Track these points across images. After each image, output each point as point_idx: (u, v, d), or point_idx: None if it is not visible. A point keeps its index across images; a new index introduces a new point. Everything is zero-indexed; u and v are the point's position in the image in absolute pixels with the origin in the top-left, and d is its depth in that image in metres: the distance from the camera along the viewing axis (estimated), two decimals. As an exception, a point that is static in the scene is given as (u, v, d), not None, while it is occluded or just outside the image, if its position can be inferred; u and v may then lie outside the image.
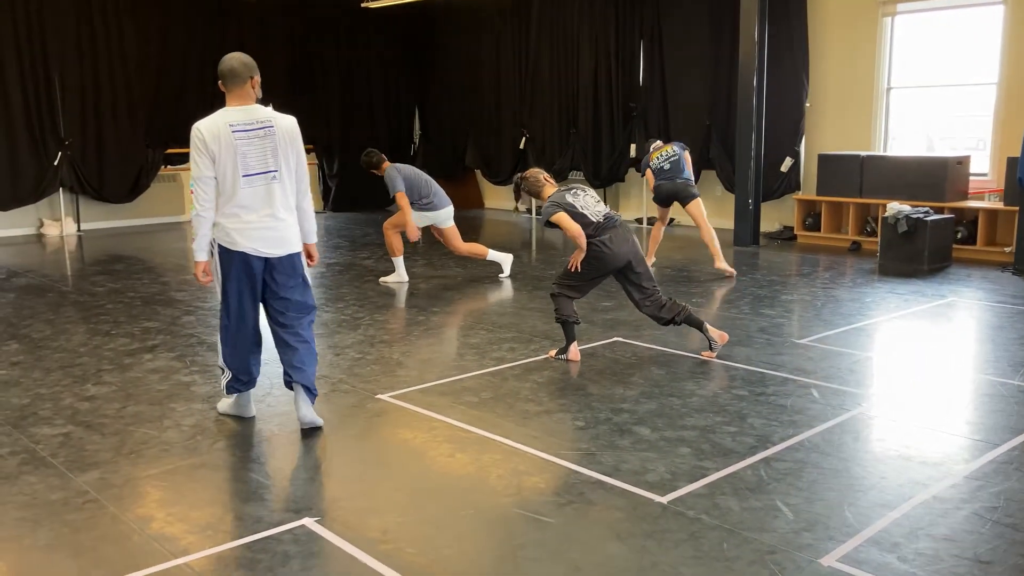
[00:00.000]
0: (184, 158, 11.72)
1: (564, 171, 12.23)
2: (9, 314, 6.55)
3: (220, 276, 3.93)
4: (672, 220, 11.18)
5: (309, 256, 4.15)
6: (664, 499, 3.24)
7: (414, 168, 7.64)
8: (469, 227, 11.76)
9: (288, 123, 4.00)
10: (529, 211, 12.98)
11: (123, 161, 11.42)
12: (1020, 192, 7.61)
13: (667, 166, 7.83)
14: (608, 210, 5.11)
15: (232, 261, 3.87)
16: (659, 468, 3.53)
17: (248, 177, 3.80)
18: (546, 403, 4.36)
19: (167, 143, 11.59)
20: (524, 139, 12.67)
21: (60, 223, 11.15)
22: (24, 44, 10.62)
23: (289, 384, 4.03)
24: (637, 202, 11.43)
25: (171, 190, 12.16)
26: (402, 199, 7.29)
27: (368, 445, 3.90)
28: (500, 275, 7.77)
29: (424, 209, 7.42)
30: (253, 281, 3.92)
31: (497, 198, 13.96)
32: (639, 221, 11.47)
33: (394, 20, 13.45)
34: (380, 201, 13.73)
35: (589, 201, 5.05)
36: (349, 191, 13.36)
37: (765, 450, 3.70)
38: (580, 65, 11.87)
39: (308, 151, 13.09)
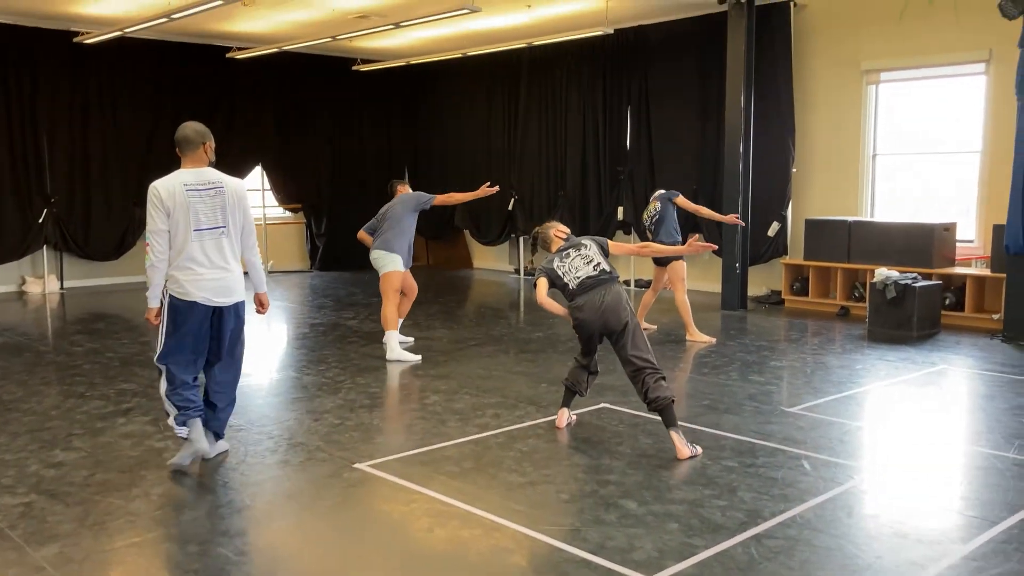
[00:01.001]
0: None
1: (552, 233, 12.21)
2: (-19, 374, 6.39)
3: (167, 324, 4.24)
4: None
5: (260, 304, 4.61)
6: (651, 580, 3.10)
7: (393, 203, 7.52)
8: (457, 287, 11.70)
9: (236, 185, 4.39)
10: (517, 271, 12.94)
11: (110, 219, 11.35)
12: (1008, 259, 7.61)
13: (652, 226, 7.75)
14: (592, 272, 4.76)
15: (186, 310, 4.20)
16: (646, 545, 3.39)
17: (199, 232, 4.20)
18: (530, 474, 4.23)
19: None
20: (512, 200, 12.70)
21: (43, 280, 11.02)
22: (14, 101, 10.64)
23: (204, 420, 4.34)
24: (625, 263, 11.39)
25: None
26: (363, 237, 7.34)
27: (344, 518, 3.75)
28: (387, 355, 6.95)
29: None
30: (202, 328, 4.27)
31: (486, 259, 13.93)
32: (627, 283, 11.42)
33: (384, 82, 13.58)
34: (366, 261, 13.71)
35: (577, 263, 4.84)
36: (335, 250, 13.30)
37: (756, 526, 3.57)
38: (568, 128, 11.96)
39: (296, 210, 13.30)
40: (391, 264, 7.05)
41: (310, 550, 3.44)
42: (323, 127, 13.30)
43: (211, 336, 4.30)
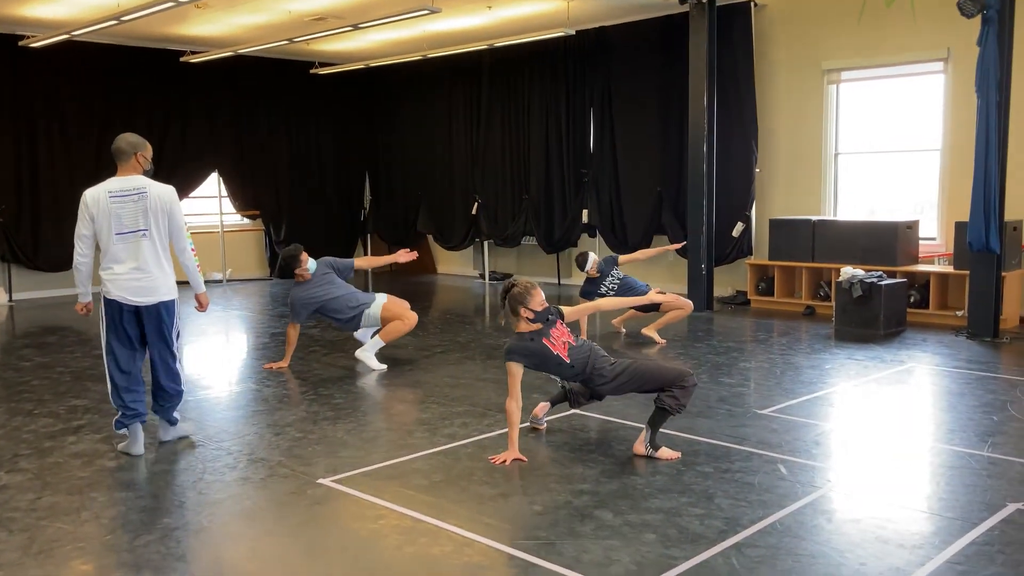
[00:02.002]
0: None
1: (516, 236, 12.12)
2: (-77, 393, 6.09)
3: (104, 319, 4.62)
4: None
5: (199, 303, 4.92)
6: (631, 595, 2.98)
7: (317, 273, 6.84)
8: (421, 293, 11.52)
9: (162, 191, 4.64)
10: (482, 276, 12.79)
11: (59, 229, 10.97)
12: (970, 256, 7.64)
13: (623, 287, 7.60)
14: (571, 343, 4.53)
15: (109, 308, 4.59)
16: (623, 558, 3.27)
17: (121, 235, 4.54)
18: (502, 485, 4.09)
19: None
20: (476, 204, 12.56)
21: (-10, 293, 10.64)
22: (-44, 108, 10.27)
23: (154, 411, 4.82)
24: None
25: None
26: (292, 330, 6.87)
27: (308, 538, 3.58)
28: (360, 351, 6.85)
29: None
30: (125, 326, 4.59)
31: (450, 263, 13.77)
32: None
33: (343, 86, 13.37)
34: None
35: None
36: (297, 257, 13.01)
37: (736, 535, 3.46)
38: (531, 131, 11.86)
39: (254, 217, 13.02)
40: (376, 303, 6.86)
41: (272, 573, 3.26)
42: (280, 132, 13.05)
43: (147, 338, 4.67)
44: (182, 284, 4.77)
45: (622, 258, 7.96)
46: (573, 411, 5.31)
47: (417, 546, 3.43)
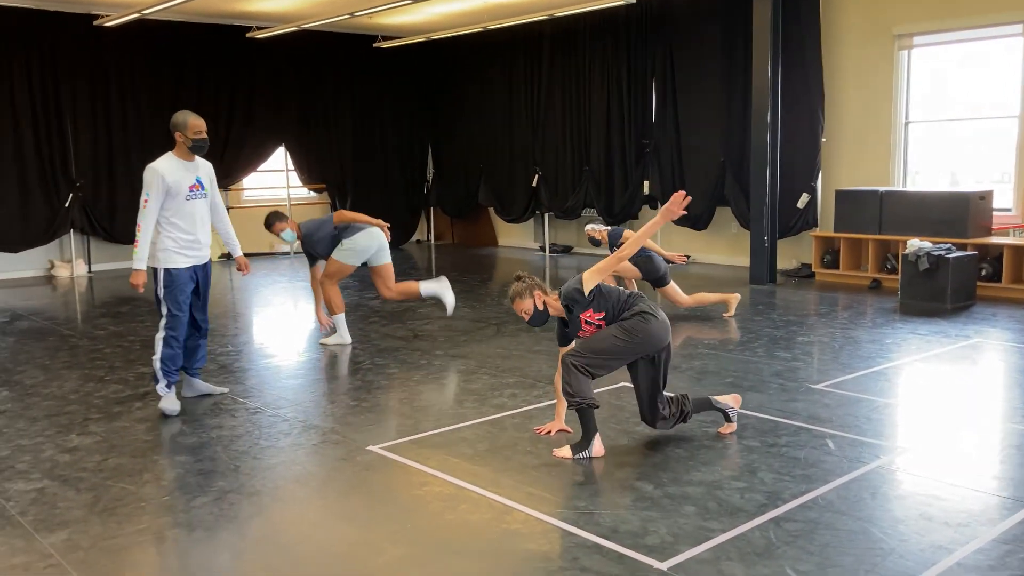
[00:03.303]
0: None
1: (577, 208, 12.08)
2: (5, 359, 6.43)
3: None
4: (688, 256, 10.96)
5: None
6: (664, 565, 3.00)
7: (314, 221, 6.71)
8: (484, 264, 11.61)
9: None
10: (542, 248, 12.81)
11: (135, 202, 11.34)
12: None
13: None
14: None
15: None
16: (660, 529, 3.29)
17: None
18: (544, 455, 4.14)
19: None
20: (536, 176, 12.55)
21: (70, 264, 11.11)
22: (37, 86, 10.68)
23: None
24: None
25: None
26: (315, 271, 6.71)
27: (354, 503, 3.69)
28: (446, 311, 6.83)
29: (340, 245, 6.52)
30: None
31: (510, 235, 13.82)
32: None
33: (406, 58, 13.45)
34: (396, 238, 13.64)
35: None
36: (361, 229, 13.23)
37: (775, 508, 3.45)
38: (592, 102, 11.76)
39: (320, 190, 13.25)
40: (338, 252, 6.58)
41: (317, 535, 3.39)
42: (344, 106, 13.22)
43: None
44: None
45: (626, 233, 7.56)
46: (621, 384, 5.31)
47: (458, 513, 3.51)
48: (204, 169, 5.12)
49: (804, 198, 9.70)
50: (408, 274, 10.70)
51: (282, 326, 7.88)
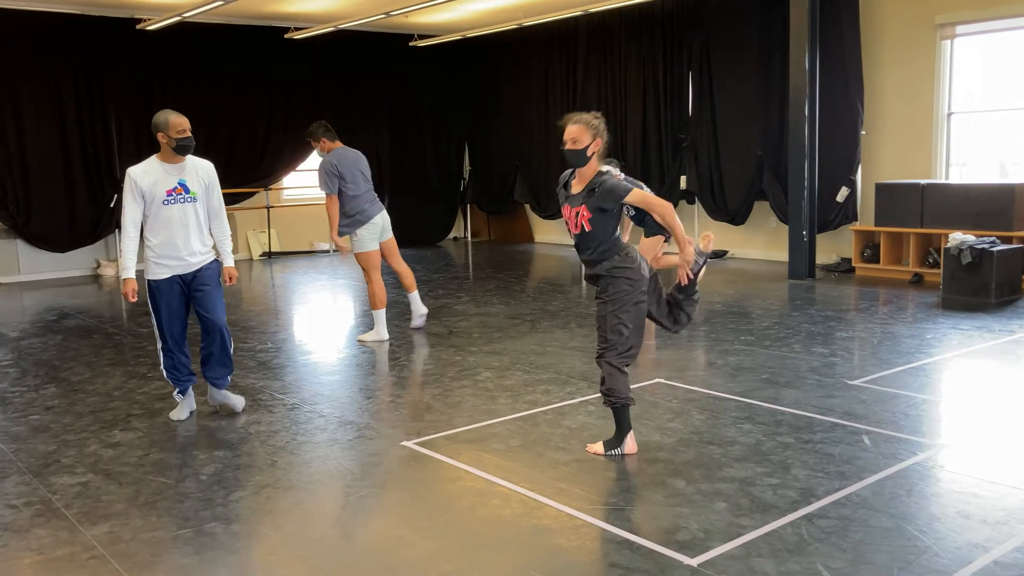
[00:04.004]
0: (240, 198, 11.90)
1: (613, 204, 12.04)
2: (53, 356, 6.61)
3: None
4: (726, 252, 10.92)
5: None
6: (694, 561, 3.00)
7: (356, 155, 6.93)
8: (519, 261, 11.63)
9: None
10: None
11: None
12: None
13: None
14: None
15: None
16: (692, 526, 3.29)
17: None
18: (577, 451, 4.15)
19: (234, 184, 11.75)
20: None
21: (116, 264, 11.35)
22: (83, 89, 10.94)
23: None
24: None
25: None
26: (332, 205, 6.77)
27: (387, 498, 3.74)
28: (411, 324, 7.12)
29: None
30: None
31: (547, 232, 13.82)
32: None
33: (442, 57, 13.52)
34: (430, 236, 13.73)
35: None
36: (399, 226, 13.31)
37: (808, 505, 3.42)
38: (628, 97, 11.72)
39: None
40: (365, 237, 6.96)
41: (351, 529, 3.44)
42: (381, 104, 13.32)
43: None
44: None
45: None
46: (656, 380, 5.30)
47: (489, 508, 3.54)
48: (194, 171, 4.73)
49: (843, 191, 9.57)
50: (445, 271, 10.77)
51: (321, 323, 7.98)
